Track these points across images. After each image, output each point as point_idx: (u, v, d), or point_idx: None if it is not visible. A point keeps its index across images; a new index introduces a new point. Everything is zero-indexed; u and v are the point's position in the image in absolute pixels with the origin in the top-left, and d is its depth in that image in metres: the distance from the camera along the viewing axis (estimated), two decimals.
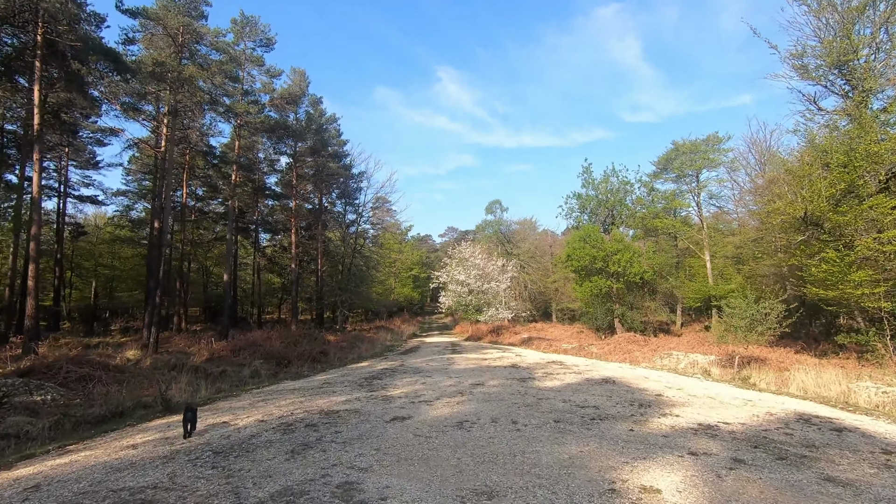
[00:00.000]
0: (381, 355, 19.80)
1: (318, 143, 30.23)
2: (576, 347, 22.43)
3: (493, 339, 28.07)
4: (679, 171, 34.33)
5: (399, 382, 10.96)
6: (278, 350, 17.63)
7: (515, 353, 19.94)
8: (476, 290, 32.31)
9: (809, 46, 17.07)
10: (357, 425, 6.69)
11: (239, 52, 26.55)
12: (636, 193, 31.14)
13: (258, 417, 7.51)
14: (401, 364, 15.57)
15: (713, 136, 34.68)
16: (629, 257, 28.69)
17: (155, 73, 19.59)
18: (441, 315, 55.44)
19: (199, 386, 11.91)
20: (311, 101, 31.34)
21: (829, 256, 15.92)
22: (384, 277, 54.70)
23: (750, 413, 7.45)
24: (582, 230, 30.70)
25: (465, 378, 11.47)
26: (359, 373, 13.58)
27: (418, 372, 13.04)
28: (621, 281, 29.38)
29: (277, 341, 19.54)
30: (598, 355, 19.34)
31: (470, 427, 6.46)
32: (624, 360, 18.37)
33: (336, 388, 10.52)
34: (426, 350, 21.77)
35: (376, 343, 24.78)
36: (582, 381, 10.89)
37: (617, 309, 29.78)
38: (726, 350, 18.24)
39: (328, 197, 37.00)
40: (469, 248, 34.87)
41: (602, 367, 14.18)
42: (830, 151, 16.23)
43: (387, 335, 29.39)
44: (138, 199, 36.05)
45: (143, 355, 19.92)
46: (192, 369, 14.52)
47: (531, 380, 11.05)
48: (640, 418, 7.02)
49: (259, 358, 16.85)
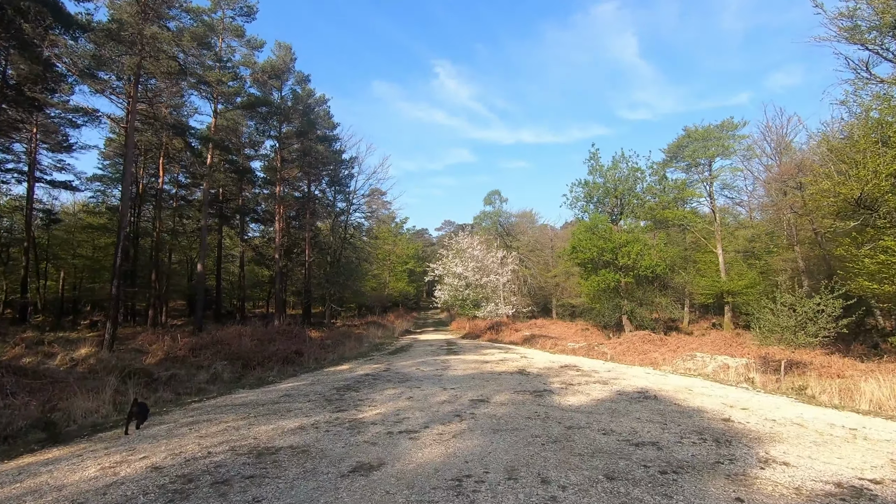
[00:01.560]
0: (366, 355, 17.25)
1: (305, 124, 27.56)
2: (584, 347, 19.99)
3: (492, 336, 25.59)
4: (691, 158, 31.89)
5: (378, 397, 8.44)
6: (247, 349, 15.08)
7: (519, 353, 17.46)
8: (474, 284, 29.74)
9: (864, 3, 14.55)
10: (294, 484, 4.16)
11: (216, 21, 23.84)
12: (647, 181, 28.62)
13: (158, 459, 4.98)
14: (386, 368, 13.04)
15: (728, 122, 32.21)
16: (639, 249, 26.26)
17: (111, 31, 16.91)
18: (437, 310, 52.99)
19: (130, 397, 9.37)
20: (298, 78, 28.62)
21: (887, 245, 13.51)
22: (378, 271, 52.14)
23: (884, 455, 4.98)
24: (589, 220, 28.22)
25: (463, 390, 8.97)
26: (333, 379, 11.06)
27: (405, 380, 10.52)
28: (630, 275, 26.94)
29: (249, 339, 16.99)
30: (613, 357, 16.92)
31: (474, 493, 3.94)
32: (643, 362, 16.01)
33: (296, 403, 8.00)
34: (418, 349, 19.25)
35: (364, 341, 22.26)
36: (613, 394, 8.41)
37: (625, 305, 27.38)
38: (757, 352, 15.89)
39: (318, 184, 34.37)
40: (467, 238, 32.19)
41: (627, 374, 11.72)
42: (888, 125, 13.82)
43: (377, 332, 26.89)
44: (114, 185, 33.30)
45: (94, 353, 17.39)
46: (136, 373, 11.98)
47: (548, 393, 8.55)
48: (731, 468, 4.53)
49: (223, 358, 14.30)
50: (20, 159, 32.45)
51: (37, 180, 32.61)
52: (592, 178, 28.95)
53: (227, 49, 24.44)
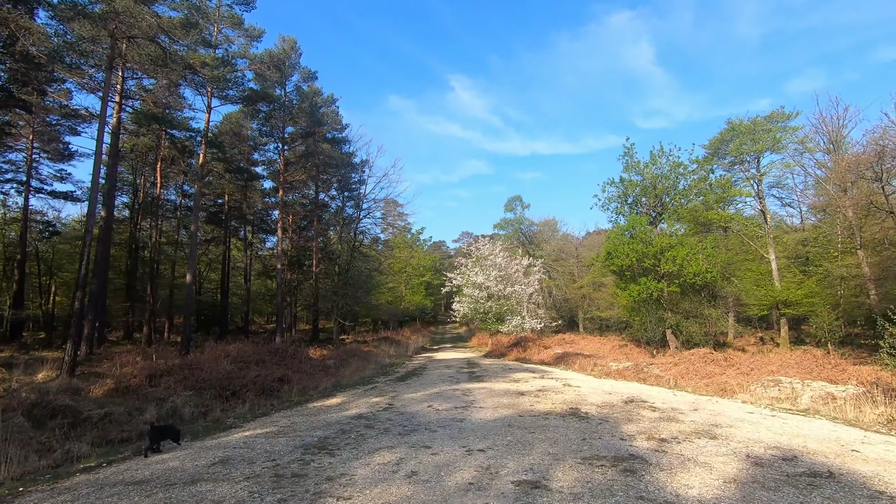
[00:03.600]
0: (369, 382, 13.90)
1: (311, 123, 24.87)
2: (631, 368, 16.36)
3: (519, 354, 22.02)
4: (737, 153, 28.14)
5: (361, 470, 5.12)
6: (220, 376, 11.94)
7: (558, 377, 13.91)
8: (496, 295, 26.25)
9: None
10: None
11: (212, 10, 21.43)
12: (690, 179, 24.95)
13: None
14: (388, 404, 9.69)
15: (777, 113, 28.43)
16: (685, 254, 22.55)
17: (76, 5, 14.41)
18: (455, 325, 49.50)
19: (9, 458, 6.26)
20: (304, 74, 26.02)
21: None
22: (394, 284, 49.06)
23: None
24: (626, 222, 24.66)
25: (499, 454, 5.61)
26: (310, 425, 7.78)
27: (410, 430, 7.17)
28: (675, 284, 23.20)
29: (231, 361, 13.92)
30: (675, 383, 13.35)
31: None
32: (713, 388, 12.59)
33: (222, 486, 4.75)
34: (433, 373, 15.84)
35: (371, 361, 19.00)
36: (747, 468, 4.94)
37: (669, 318, 23.60)
38: (861, 376, 12.22)
39: (326, 191, 31.63)
40: (488, 245, 28.71)
41: (725, 414, 8.14)
42: None
43: (389, 349, 23.61)
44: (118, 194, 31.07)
45: (53, 378, 14.57)
46: (60, 412, 8.98)
47: (640, 463, 5.12)
48: None
49: (189, 388, 11.20)
50: (19, 168, 30.66)
51: (37, 191, 30.73)
52: (628, 175, 25.49)
53: (223, 39, 21.95)
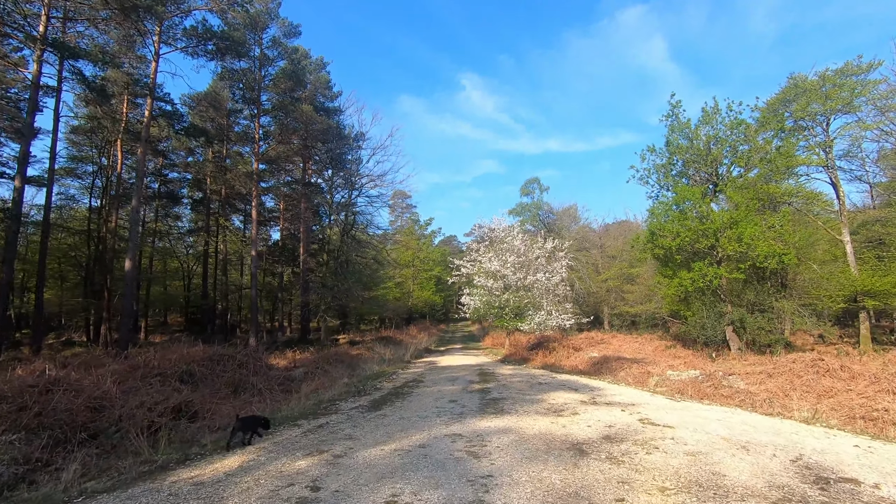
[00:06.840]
0: (325, 410, 8.96)
1: (290, 81, 20.28)
2: (703, 380, 11.35)
3: (545, 359, 17.05)
4: (803, 113, 22.76)
5: None
6: (83, 406, 7.33)
7: (621, 403, 8.76)
8: (515, 286, 21.15)
9: None
10: None
11: None
12: (753, 142, 19.61)
13: None
14: (310, 486, 4.89)
15: (851, 65, 22.92)
16: (752, 232, 17.38)
17: None
18: (467, 322, 44.63)
19: None
20: (283, 27, 21.44)
21: None
22: (402, 279, 44.41)
23: None
24: (674, 196, 19.51)
25: None
26: None
27: None
28: (741, 269, 18.01)
29: (116, 378, 9.32)
30: (778, 404, 8.41)
31: None
32: (845, 415, 7.68)
33: None
34: (428, 392, 10.93)
35: (356, 368, 14.26)
36: None
37: (731, 312, 18.48)
38: None
39: (319, 173, 27.06)
40: (504, 225, 23.37)
41: None
42: None
43: (385, 351, 18.88)
44: (77, 176, 27.03)
45: None
46: None
47: None
48: None
49: (17, 428, 6.61)
50: None
51: None
52: (674, 138, 20.32)
53: None
